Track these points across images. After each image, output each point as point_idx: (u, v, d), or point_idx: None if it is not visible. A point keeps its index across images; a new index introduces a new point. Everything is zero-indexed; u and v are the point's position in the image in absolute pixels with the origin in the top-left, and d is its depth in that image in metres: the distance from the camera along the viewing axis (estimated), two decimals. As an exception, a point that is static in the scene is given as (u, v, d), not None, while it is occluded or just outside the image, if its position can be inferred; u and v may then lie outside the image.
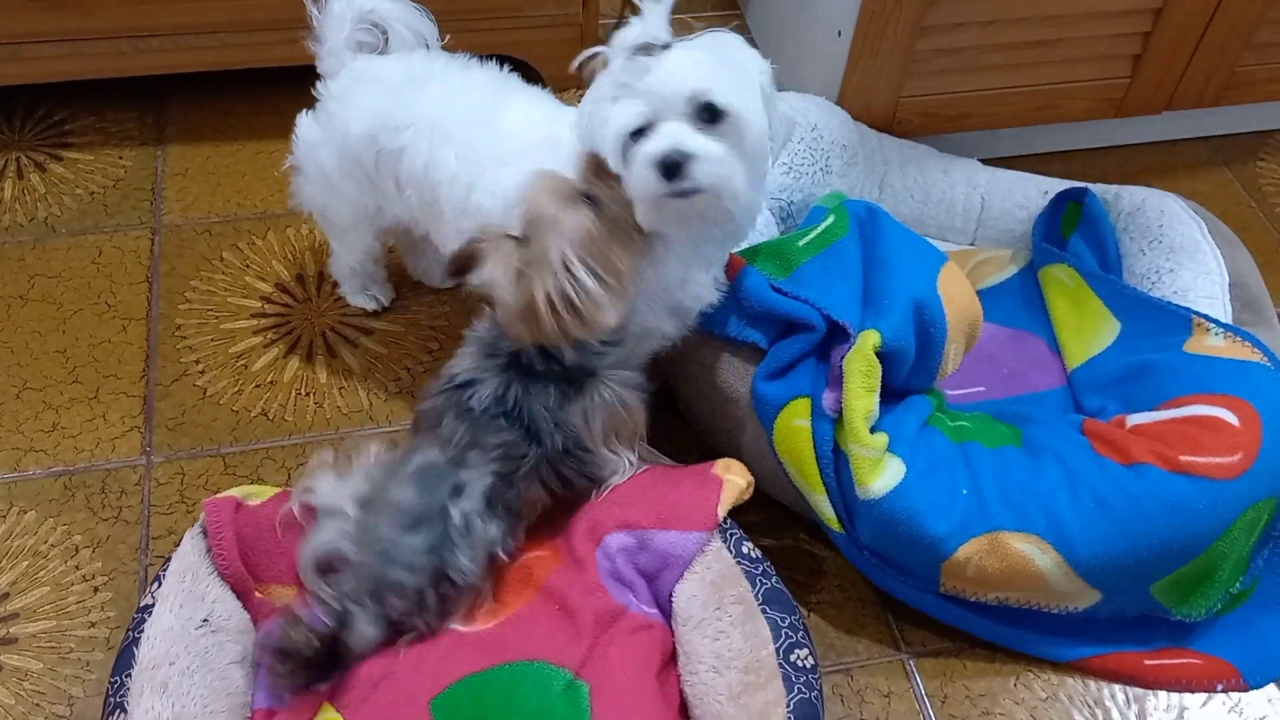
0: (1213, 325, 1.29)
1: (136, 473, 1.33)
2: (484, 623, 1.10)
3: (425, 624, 1.08)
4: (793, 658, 1.04)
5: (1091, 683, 1.21)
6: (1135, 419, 1.22)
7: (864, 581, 1.27)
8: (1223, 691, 1.20)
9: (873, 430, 1.16)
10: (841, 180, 1.52)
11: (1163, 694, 1.20)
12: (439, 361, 1.15)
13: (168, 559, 1.12)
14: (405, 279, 1.55)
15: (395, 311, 1.52)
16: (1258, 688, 1.20)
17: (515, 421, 1.09)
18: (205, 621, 1.07)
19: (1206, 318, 1.30)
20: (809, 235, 1.28)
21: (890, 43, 1.51)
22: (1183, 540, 1.13)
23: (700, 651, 1.08)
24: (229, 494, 1.16)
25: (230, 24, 1.60)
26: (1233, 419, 1.17)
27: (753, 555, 1.12)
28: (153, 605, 1.07)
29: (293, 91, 1.34)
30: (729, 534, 1.13)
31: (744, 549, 1.12)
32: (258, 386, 1.42)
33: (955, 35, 1.53)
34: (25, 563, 1.25)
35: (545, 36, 1.69)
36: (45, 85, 1.72)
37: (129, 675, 1.02)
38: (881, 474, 1.13)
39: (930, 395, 1.27)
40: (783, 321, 1.22)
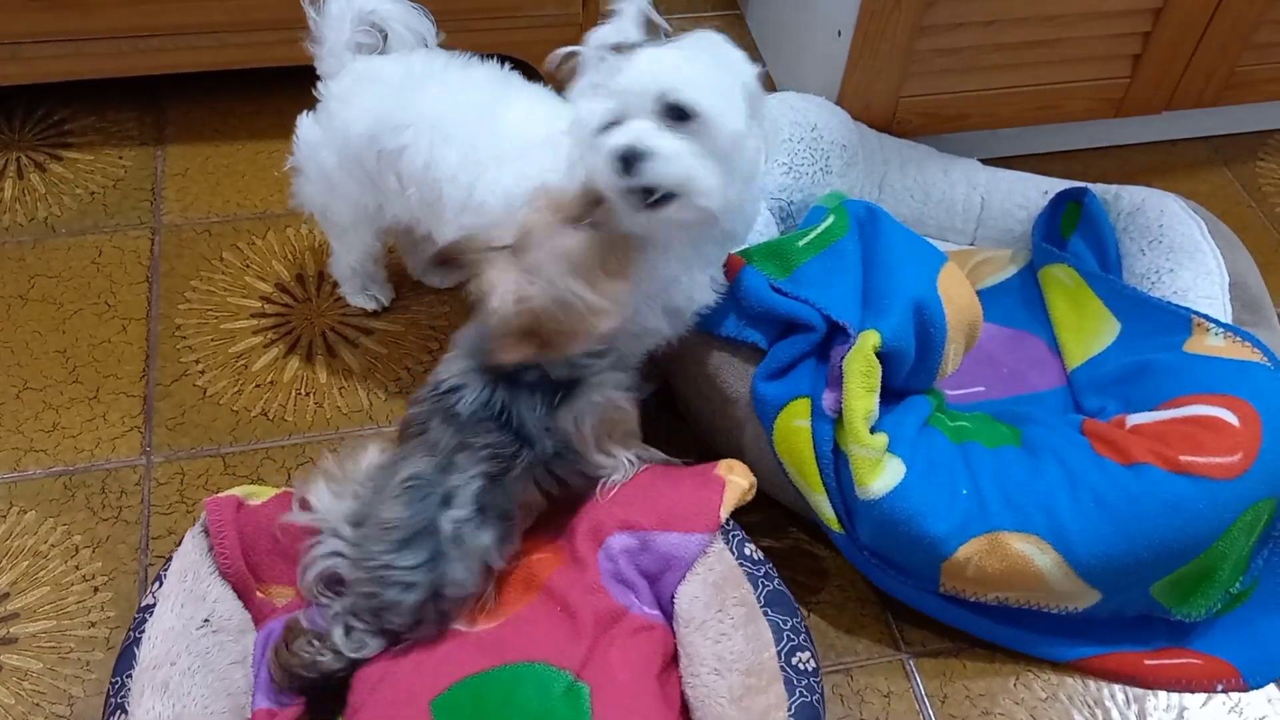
0: (1213, 325, 1.29)
1: (136, 473, 1.33)
2: (485, 623, 1.10)
3: (425, 634, 1.08)
4: (794, 661, 1.04)
5: (1091, 683, 1.21)
6: (1135, 419, 1.22)
7: (864, 581, 1.27)
8: (1223, 691, 1.20)
9: (873, 430, 1.16)
10: (841, 180, 1.52)
11: (1162, 694, 1.20)
12: (439, 362, 1.15)
13: (169, 558, 1.12)
14: (405, 279, 1.55)
15: (395, 311, 1.52)
16: (1258, 688, 1.20)
17: (504, 425, 1.08)
18: (206, 621, 1.07)
19: (1206, 318, 1.30)
20: (809, 235, 1.28)
21: (890, 43, 1.51)
22: (1183, 540, 1.13)
23: (702, 653, 1.08)
24: (230, 493, 1.16)
25: (230, 24, 1.60)
26: (1233, 419, 1.17)
27: (755, 557, 1.12)
28: (154, 605, 1.07)
29: (293, 91, 1.34)
30: (731, 535, 1.13)
31: (746, 550, 1.12)
32: (258, 386, 1.42)
33: (955, 35, 1.53)
34: (25, 563, 1.25)
35: (545, 36, 1.69)
36: (45, 85, 1.72)
37: (130, 675, 1.02)
38: (881, 474, 1.13)
39: (930, 395, 1.27)
40: (782, 322, 1.22)
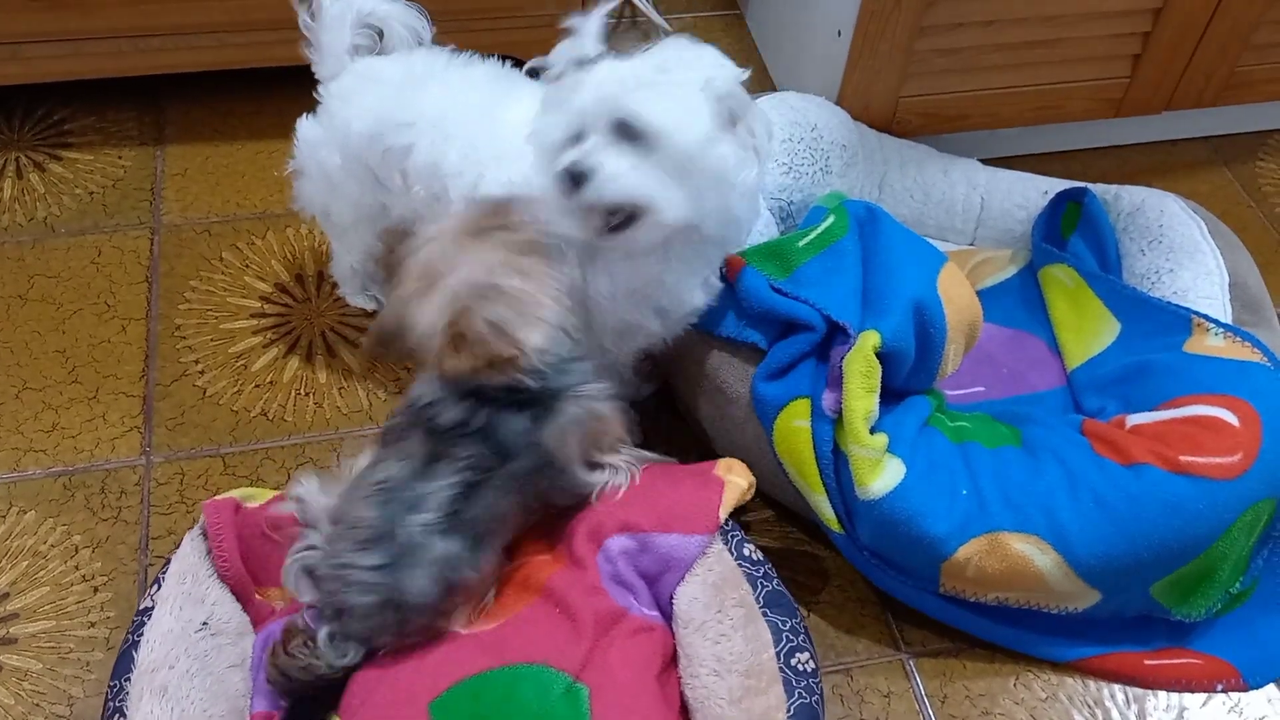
0: (1212, 325, 1.29)
1: (136, 473, 1.33)
2: (484, 624, 1.09)
3: (385, 644, 1.05)
4: (793, 662, 1.04)
5: (1091, 683, 1.21)
6: (1135, 419, 1.22)
7: (864, 581, 1.27)
8: (1222, 691, 1.20)
9: (872, 431, 1.16)
10: (841, 180, 1.52)
11: (1162, 694, 1.20)
12: (413, 380, 1.14)
13: (167, 561, 1.11)
14: (405, 279, 1.55)
15: (395, 311, 1.52)
16: (1257, 688, 1.20)
17: (485, 439, 1.06)
18: (205, 624, 1.07)
19: (1206, 318, 1.30)
20: (809, 235, 1.28)
21: (890, 43, 1.51)
22: (1182, 540, 1.13)
23: (701, 654, 1.07)
24: (228, 496, 1.15)
25: (230, 24, 1.60)
26: (1232, 419, 1.17)
27: (754, 558, 1.12)
28: (152, 608, 1.06)
29: (293, 91, 1.34)
30: (730, 536, 1.13)
31: (745, 551, 1.12)
32: (257, 386, 1.42)
33: (955, 35, 1.53)
34: (25, 563, 1.25)
35: (545, 36, 1.68)
36: (45, 85, 1.72)
37: (128, 679, 1.02)
38: (881, 474, 1.13)
39: (930, 395, 1.27)
40: (782, 322, 1.22)
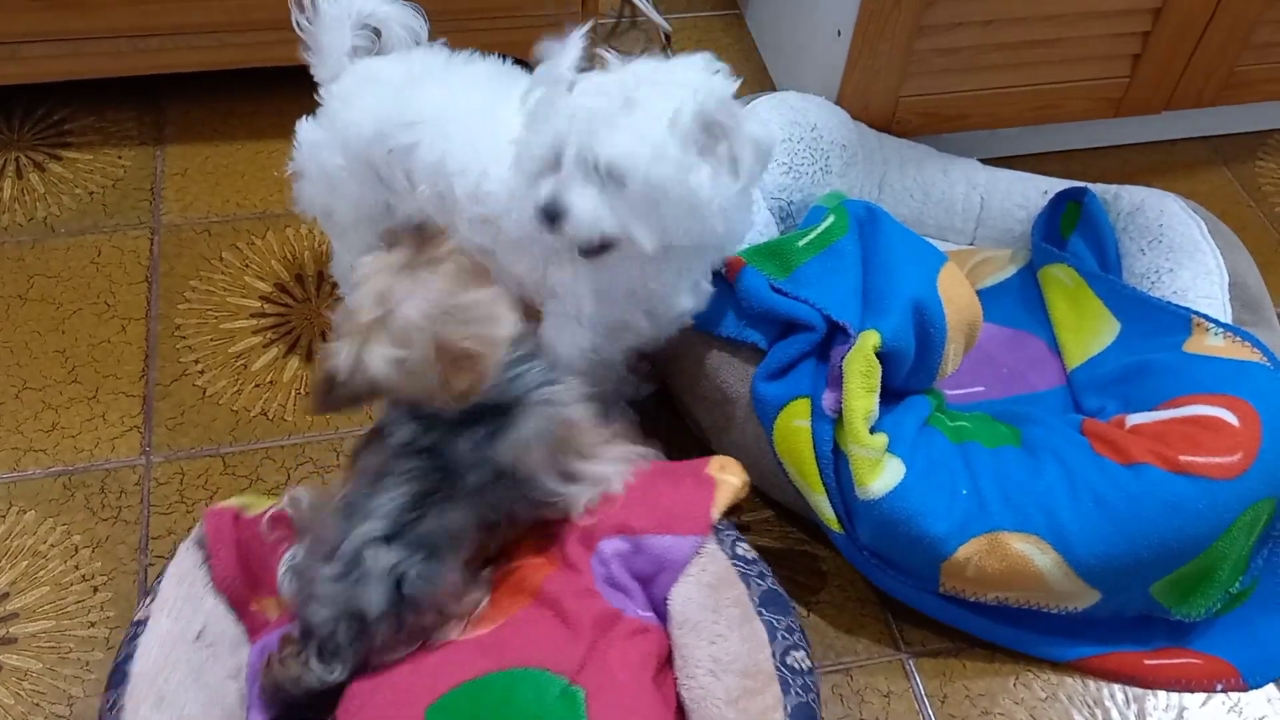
0: (1212, 325, 1.29)
1: (136, 473, 1.33)
2: (479, 629, 1.09)
3: (350, 663, 1.04)
4: (789, 660, 1.04)
5: (1091, 683, 1.21)
6: (1135, 419, 1.23)
7: (864, 581, 1.27)
8: (1222, 691, 1.20)
9: (872, 430, 1.16)
10: (841, 180, 1.52)
11: (1162, 694, 1.20)
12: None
13: (161, 572, 1.11)
14: (405, 279, 1.55)
15: (395, 311, 1.52)
16: (1257, 688, 1.20)
17: (432, 455, 1.06)
18: (200, 635, 1.06)
19: (1206, 317, 1.30)
20: (809, 235, 1.28)
21: (889, 42, 1.51)
22: (1182, 540, 1.13)
23: (698, 655, 1.07)
24: (228, 504, 1.14)
25: (230, 24, 1.60)
26: (1232, 419, 1.17)
27: (748, 557, 1.12)
28: (146, 619, 1.05)
29: (293, 91, 1.34)
30: (724, 535, 1.13)
31: (739, 550, 1.12)
32: (257, 386, 1.42)
33: (954, 35, 1.53)
34: (25, 563, 1.25)
35: (545, 36, 1.69)
36: (45, 85, 1.72)
37: (123, 690, 1.01)
38: (881, 474, 1.13)
39: (930, 395, 1.27)
40: (782, 322, 1.22)
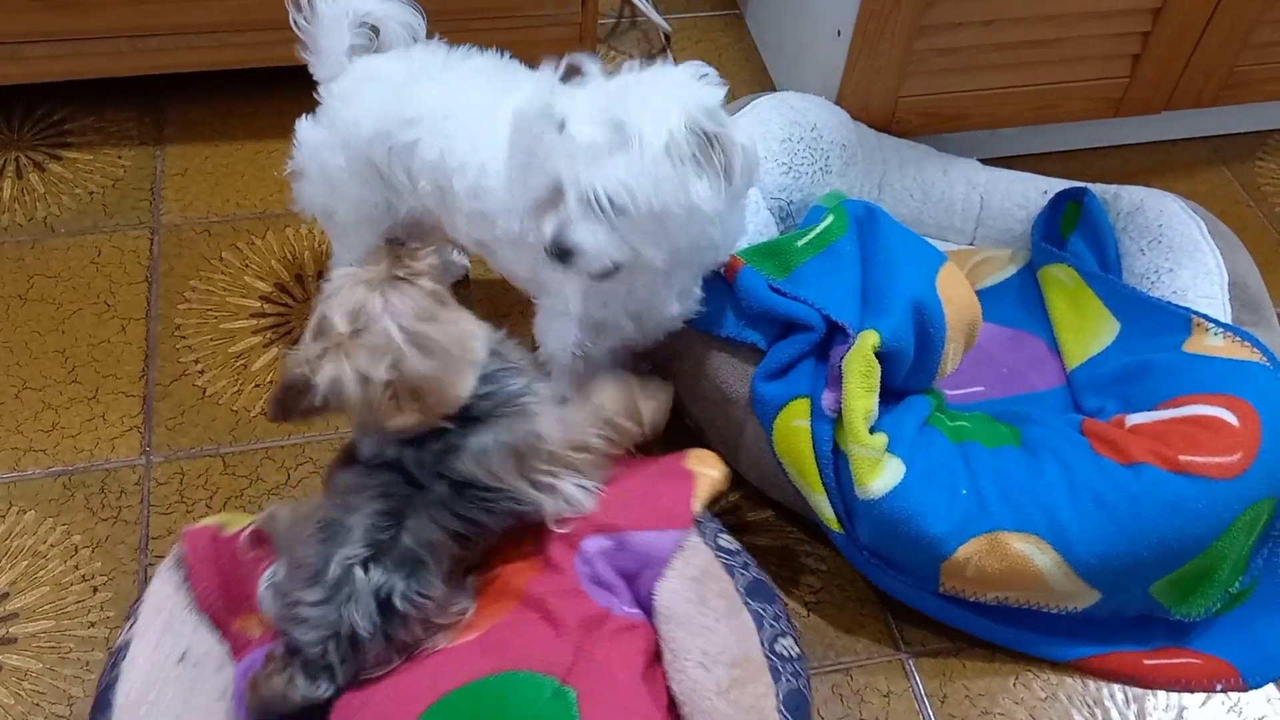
0: (1212, 325, 1.29)
1: (136, 473, 1.33)
2: (466, 636, 1.08)
3: (342, 683, 1.03)
4: (778, 648, 1.04)
5: (1091, 682, 1.21)
6: (1134, 419, 1.23)
7: (864, 581, 1.27)
8: (1222, 691, 1.20)
9: (872, 430, 1.16)
10: (841, 180, 1.52)
11: (1162, 694, 1.20)
12: None
13: (138, 597, 1.09)
14: (404, 279, 1.55)
15: (395, 311, 1.52)
16: (1257, 687, 1.20)
17: (397, 469, 1.06)
18: (184, 657, 1.05)
19: (1206, 317, 1.30)
20: (808, 235, 1.28)
21: (889, 42, 1.51)
22: (1182, 540, 1.13)
23: (687, 648, 1.06)
24: (205, 523, 1.14)
25: (230, 24, 1.60)
26: (1232, 419, 1.17)
27: (731, 548, 1.12)
28: (128, 644, 1.05)
29: (293, 91, 1.34)
30: (705, 528, 1.12)
31: (721, 542, 1.12)
32: (257, 386, 1.42)
33: (954, 35, 1.53)
34: (25, 563, 1.25)
35: (544, 36, 1.69)
36: (45, 85, 1.72)
37: (109, 717, 1.00)
38: (881, 474, 1.14)
39: (929, 395, 1.27)
40: (782, 322, 1.22)
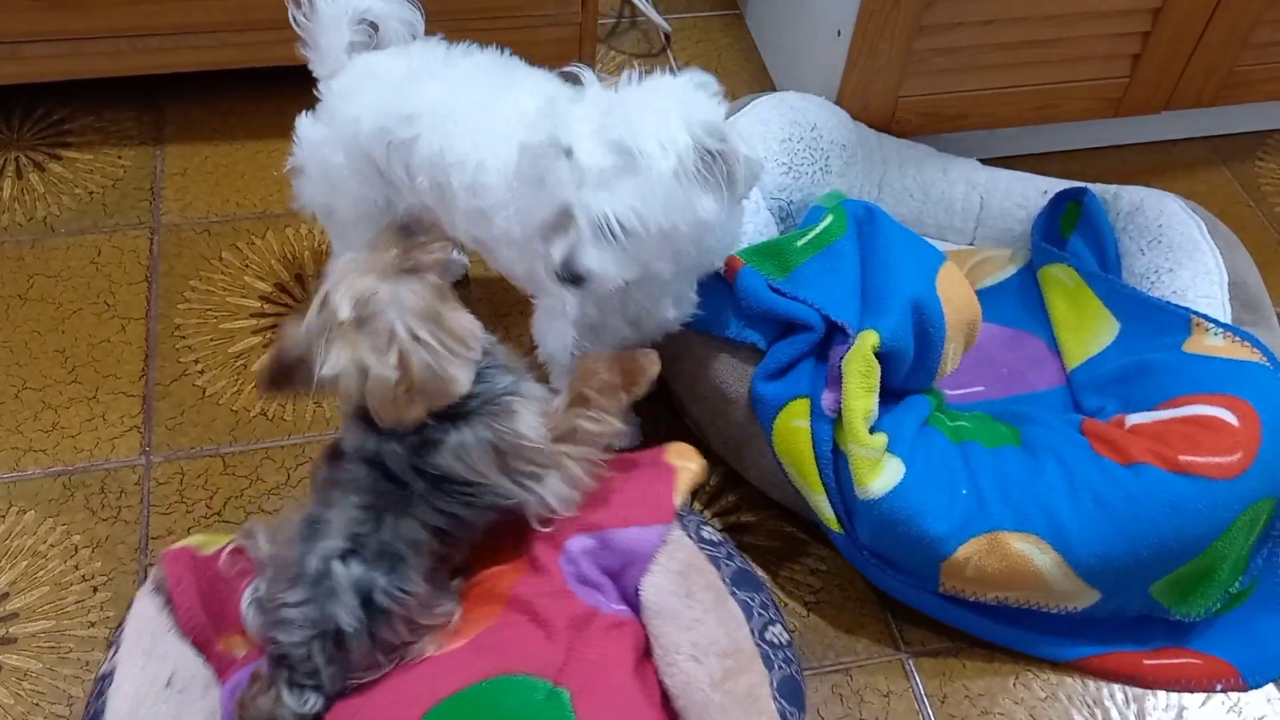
0: (1212, 325, 1.29)
1: (136, 473, 1.33)
2: (455, 642, 1.07)
3: (342, 686, 1.02)
4: (769, 636, 1.04)
5: (1090, 682, 1.21)
6: (1134, 419, 1.23)
7: (864, 581, 1.27)
8: (1222, 691, 1.20)
9: (872, 430, 1.16)
10: (840, 180, 1.52)
11: (1162, 694, 1.20)
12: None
13: (120, 624, 1.09)
14: (404, 279, 1.55)
15: (394, 311, 1.52)
16: (1257, 687, 1.20)
17: (376, 464, 1.05)
18: (170, 681, 1.04)
19: (1206, 317, 1.30)
20: (807, 235, 1.28)
21: (889, 42, 1.51)
22: (1182, 540, 1.13)
23: (677, 642, 1.06)
24: (183, 544, 1.13)
25: (230, 24, 1.60)
26: (1232, 419, 1.17)
27: (714, 539, 1.12)
28: (112, 672, 1.04)
29: (292, 91, 1.34)
30: (688, 521, 1.13)
31: (704, 534, 1.12)
32: (257, 386, 1.42)
33: (954, 35, 1.53)
34: (25, 563, 1.25)
35: (544, 36, 1.69)
36: (45, 85, 1.72)
37: None
38: (881, 474, 1.14)
39: (929, 395, 1.27)
40: (781, 322, 1.22)
